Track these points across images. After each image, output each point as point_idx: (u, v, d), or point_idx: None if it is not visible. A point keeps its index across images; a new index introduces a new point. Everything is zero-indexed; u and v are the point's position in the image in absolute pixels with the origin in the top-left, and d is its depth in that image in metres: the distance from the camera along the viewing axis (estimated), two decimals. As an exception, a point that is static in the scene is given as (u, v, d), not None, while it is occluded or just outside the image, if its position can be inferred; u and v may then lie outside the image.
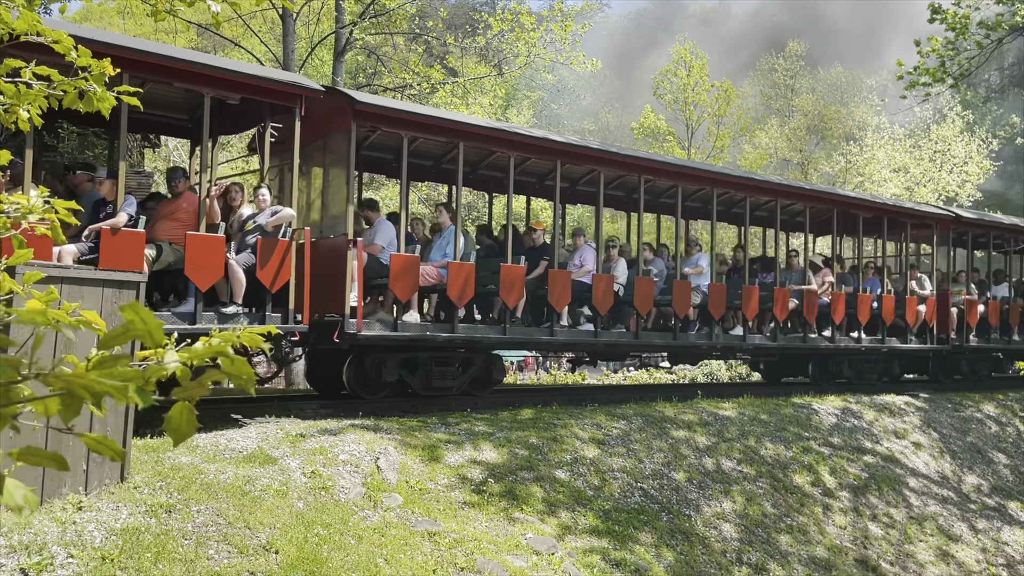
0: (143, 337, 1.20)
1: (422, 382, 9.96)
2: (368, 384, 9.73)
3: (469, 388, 10.57)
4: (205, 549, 5.21)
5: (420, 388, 9.92)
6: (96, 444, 1.20)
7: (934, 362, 16.21)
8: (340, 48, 17.86)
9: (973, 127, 33.57)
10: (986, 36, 10.89)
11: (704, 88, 30.47)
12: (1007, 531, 10.16)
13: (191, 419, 1.23)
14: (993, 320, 16.08)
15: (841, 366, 14.35)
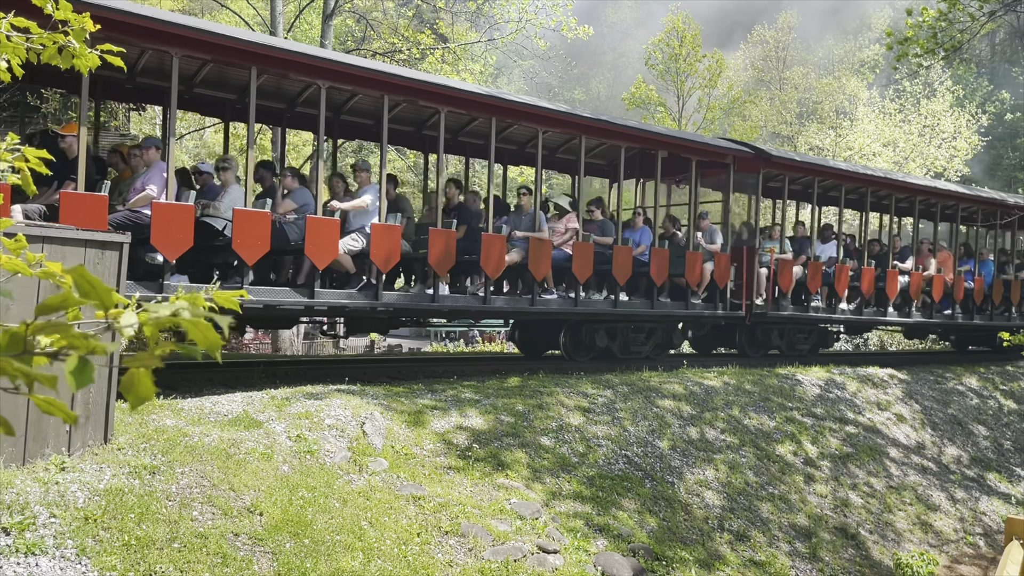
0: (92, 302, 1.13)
1: None
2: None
3: None
4: (189, 510, 5.21)
5: None
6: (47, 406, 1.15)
7: (741, 333, 14.05)
8: (329, 11, 17.61)
9: (963, 102, 33.57)
10: (979, 7, 10.84)
11: (696, 59, 30.28)
12: (985, 501, 10.31)
13: (147, 384, 1.17)
14: (813, 285, 13.85)
15: (594, 335, 11.77)
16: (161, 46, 7.80)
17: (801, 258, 14.01)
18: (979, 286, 16.59)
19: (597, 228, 11.89)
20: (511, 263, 10.42)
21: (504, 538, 6.07)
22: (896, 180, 15.82)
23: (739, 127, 31.48)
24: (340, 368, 9.35)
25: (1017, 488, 10.92)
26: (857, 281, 14.59)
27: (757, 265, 13.33)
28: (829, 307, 14.38)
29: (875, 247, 15.91)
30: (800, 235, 14.71)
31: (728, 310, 12.95)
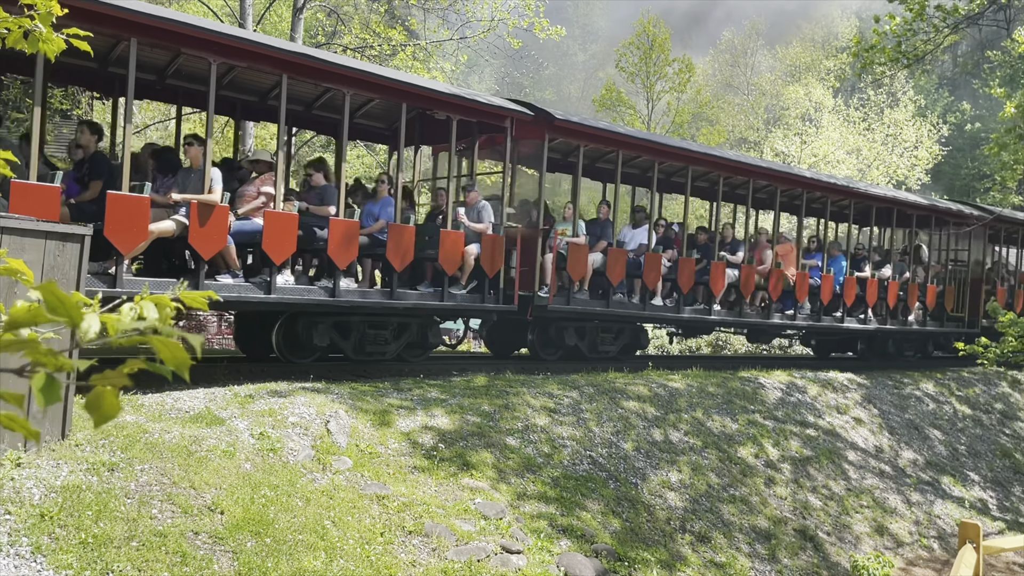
0: (61, 319, 1.09)
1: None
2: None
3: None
4: (148, 508, 5.13)
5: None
6: (8, 422, 1.12)
7: (534, 331, 11.89)
8: (299, 5, 17.44)
9: (925, 112, 34.23)
10: (943, 19, 11.08)
11: (665, 62, 30.53)
12: (939, 505, 10.53)
13: (113, 402, 1.13)
14: (614, 275, 11.79)
15: (312, 332, 9.43)
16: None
17: (601, 244, 12.01)
18: (827, 284, 14.78)
19: (316, 196, 9.56)
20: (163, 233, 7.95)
21: (468, 538, 6.07)
22: (726, 159, 13.72)
23: (707, 131, 31.78)
24: (305, 366, 9.27)
25: (971, 492, 11.17)
26: (675, 274, 12.80)
27: (542, 250, 11.05)
28: (642, 303, 12.37)
29: (701, 236, 14.02)
30: (603, 217, 12.55)
31: (500, 303, 10.59)
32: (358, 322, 9.73)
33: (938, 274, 17.50)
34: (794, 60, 36.97)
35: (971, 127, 36.96)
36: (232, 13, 18.16)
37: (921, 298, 16.66)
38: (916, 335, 17.09)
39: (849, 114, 31.64)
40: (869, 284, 15.46)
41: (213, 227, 8.12)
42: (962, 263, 18.10)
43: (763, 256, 14.23)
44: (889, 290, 15.80)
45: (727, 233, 14.31)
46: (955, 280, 17.76)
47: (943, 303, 16.94)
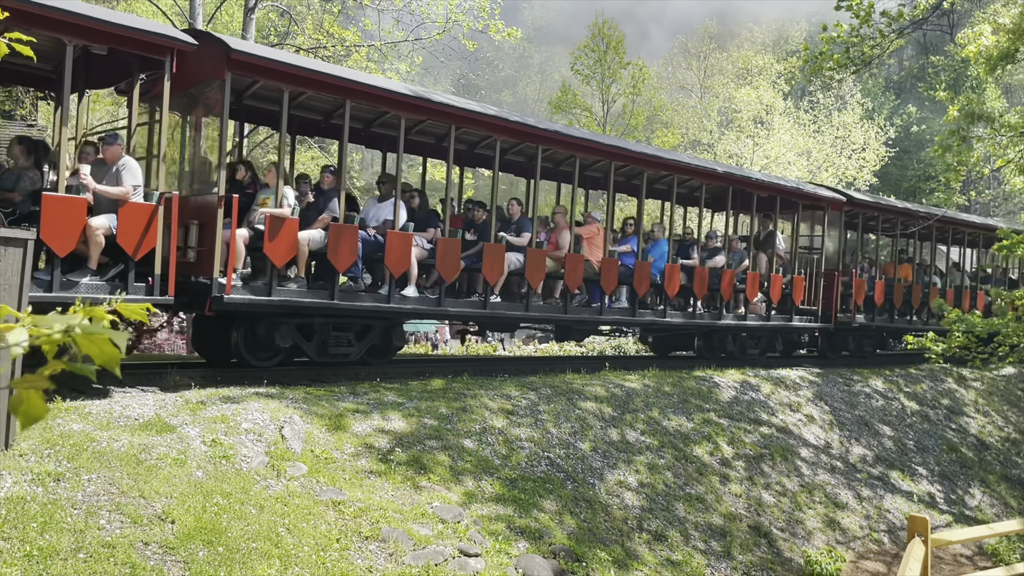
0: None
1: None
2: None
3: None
4: (96, 519, 5.01)
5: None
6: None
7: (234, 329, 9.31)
8: (251, 4, 17.20)
9: (872, 115, 35.01)
10: (888, 25, 11.35)
11: (620, 65, 30.77)
12: (889, 499, 10.76)
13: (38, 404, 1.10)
14: (341, 258, 9.29)
15: None
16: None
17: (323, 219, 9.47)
18: (643, 272, 12.61)
19: None
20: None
21: (425, 542, 6.04)
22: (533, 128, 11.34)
23: (661, 133, 32.11)
24: (258, 370, 9.14)
25: (919, 486, 11.44)
26: (433, 259, 10.33)
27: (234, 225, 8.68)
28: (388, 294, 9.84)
29: (478, 213, 11.58)
30: (327, 186, 9.89)
31: (156, 293, 7.93)
32: None
33: (784, 264, 15.56)
34: (746, 63, 37.55)
35: (917, 129, 37.91)
36: (182, 13, 17.85)
37: (764, 289, 14.69)
38: (760, 331, 15.16)
39: (799, 117, 32.23)
40: (697, 273, 13.42)
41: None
42: (815, 250, 16.49)
43: (560, 239, 12.05)
44: (724, 280, 13.81)
45: (513, 210, 11.73)
46: (807, 270, 16.18)
47: (791, 295, 15.06)
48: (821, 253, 16.07)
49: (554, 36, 62.63)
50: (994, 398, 15.20)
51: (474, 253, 10.98)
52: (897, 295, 17.38)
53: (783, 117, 31.69)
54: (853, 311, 16.28)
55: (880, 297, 16.95)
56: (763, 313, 14.71)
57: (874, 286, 16.87)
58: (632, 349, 20.58)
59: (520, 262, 11.25)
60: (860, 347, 17.56)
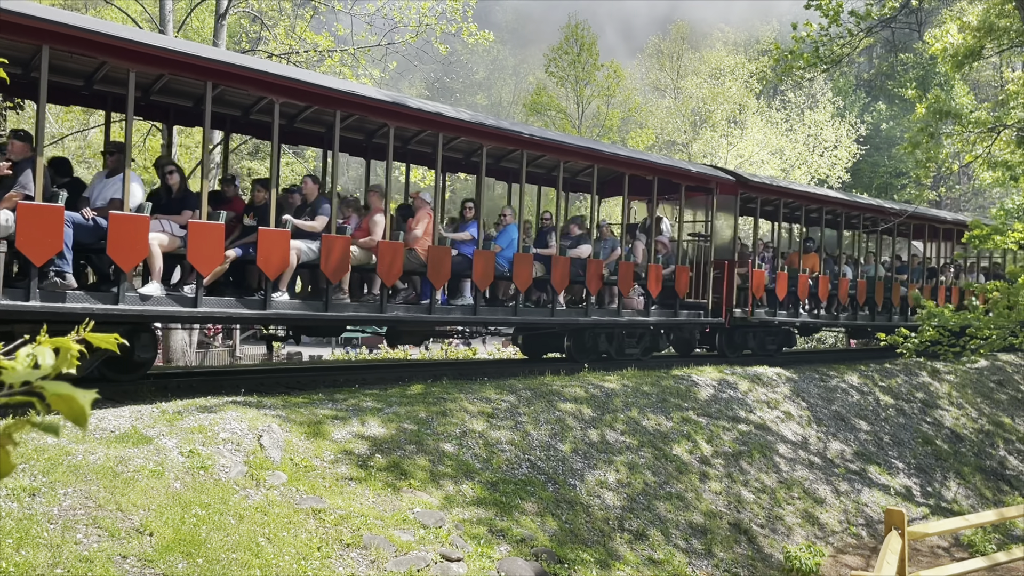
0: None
1: None
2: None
3: None
4: (73, 533, 4.96)
5: None
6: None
7: None
8: (222, 10, 17.10)
9: (843, 113, 35.41)
10: (857, 24, 11.50)
11: (594, 67, 30.90)
12: (866, 493, 10.88)
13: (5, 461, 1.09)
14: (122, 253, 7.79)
15: None
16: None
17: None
18: (483, 263, 10.76)
19: None
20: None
21: (407, 548, 6.03)
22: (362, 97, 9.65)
23: (635, 134, 32.27)
24: (235, 379, 9.07)
25: (895, 480, 11.58)
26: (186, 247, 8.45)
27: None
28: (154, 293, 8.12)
29: (260, 195, 9.75)
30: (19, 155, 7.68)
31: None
32: None
33: (668, 253, 13.83)
34: (718, 63, 37.84)
35: (887, 126, 38.38)
36: (152, 19, 17.69)
37: (642, 281, 12.94)
38: (638, 328, 13.33)
39: (771, 116, 32.53)
40: (556, 263, 11.68)
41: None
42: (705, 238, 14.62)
43: (372, 225, 10.05)
44: (589, 271, 12.03)
45: (307, 189, 9.91)
46: (695, 260, 14.53)
47: (674, 287, 13.41)
48: (710, 241, 14.28)
49: (527, 38, 62.76)
50: (967, 391, 15.42)
51: (251, 242, 9.01)
52: (802, 287, 15.77)
53: (756, 116, 31.97)
54: (751, 305, 14.70)
55: (783, 290, 15.43)
56: (640, 308, 13.02)
57: (776, 278, 15.33)
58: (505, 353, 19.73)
59: (314, 252, 9.28)
60: (763, 344, 15.94)
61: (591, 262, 12.15)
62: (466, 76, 63.24)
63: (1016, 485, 12.89)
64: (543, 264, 11.76)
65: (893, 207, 18.31)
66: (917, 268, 19.54)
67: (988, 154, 13.11)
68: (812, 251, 17.14)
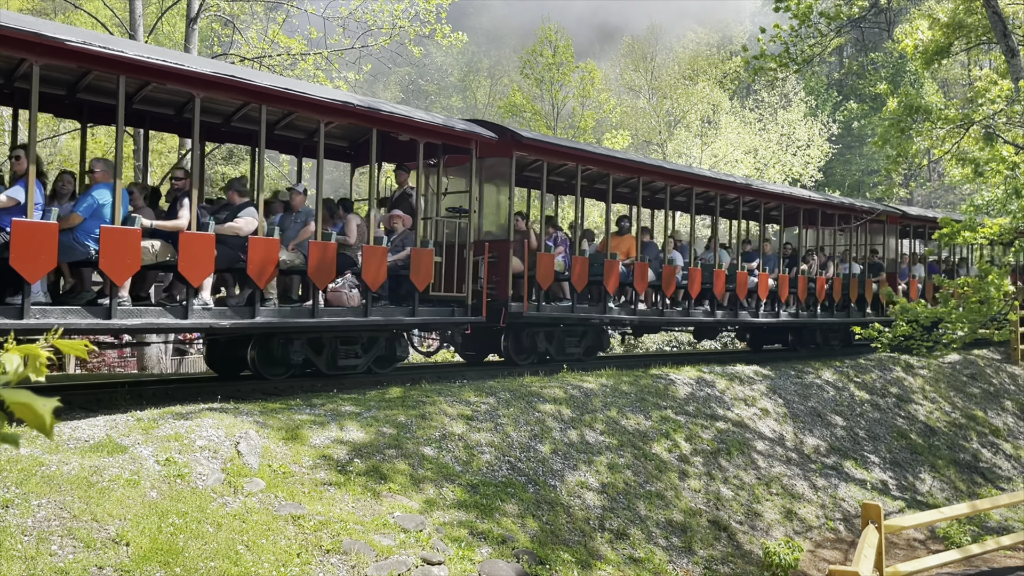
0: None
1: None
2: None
3: None
4: (47, 545, 4.89)
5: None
6: None
7: None
8: (193, 14, 16.96)
9: (816, 112, 35.78)
10: (827, 24, 11.64)
11: (569, 69, 30.99)
12: (843, 488, 11.00)
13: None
14: None
15: None
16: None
17: None
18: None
19: None
20: None
21: (388, 553, 6.01)
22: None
23: (611, 135, 32.40)
24: (212, 386, 8.99)
25: (872, 474, 11.71)
26: None
27: None
28: None
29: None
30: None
31: None
32: None
33: (405, 233, 10.86)
34: (692, 63, 38.11)
35: (859, 125, 38.83)
36: (122, 24, 17.51)
37: (357, 271, 9.99)
38: (354, 331, 10.23)
39: (745, 115, 32.80)
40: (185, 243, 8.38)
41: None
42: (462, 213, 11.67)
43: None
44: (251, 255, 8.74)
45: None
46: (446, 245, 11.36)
47: (408, 277, 10.46)
48: (470, 217, 11.33)
49: (501, 40, 62.78)
50: (940, 384, 15.63)
51: None
52: (610, 277, 13.01)
53: (730, 116, 32.22)
54: (526, 298, 11.81)
55: (582, 280, 12.56)
56: (355, 304, 9.83)
57: (572, 265, 12.51)
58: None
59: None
60: (562, 348, 13.13)
61: (254, 243, 8.71)
62: (441, 78, 63.19)
63: (989, 477, 13.08)
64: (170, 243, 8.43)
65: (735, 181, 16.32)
66: (772, 255, 16.71)
67: (957, 150, 13.30)
68: (626, 232, 14.52)
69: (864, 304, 18.06)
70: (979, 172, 11.98)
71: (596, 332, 13.72)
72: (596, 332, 13.72)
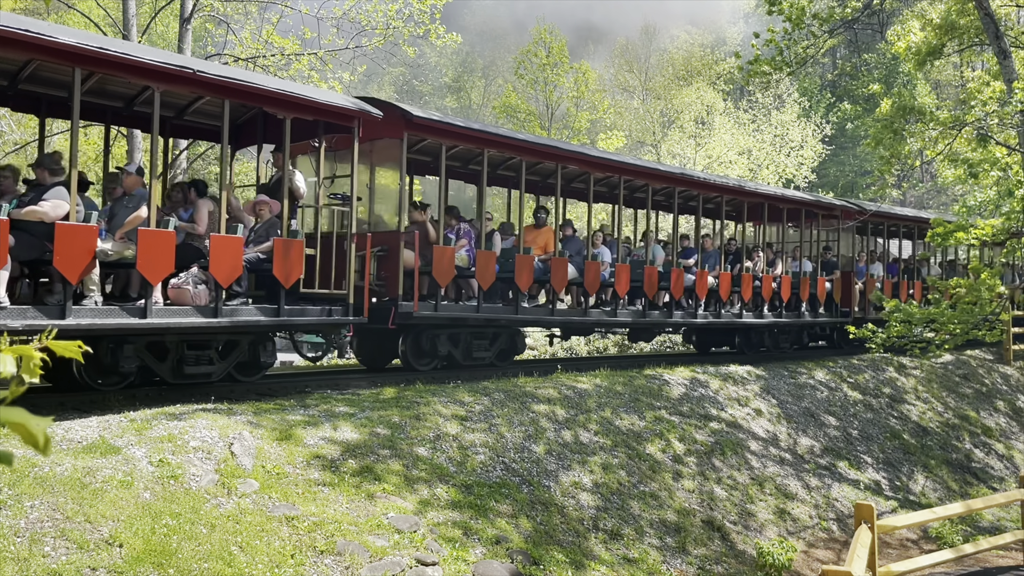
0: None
1: None
2: None
3: None
4: (40, 546, 4.88)
5: None
6: None
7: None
8: (186, 14, 16.92)
9: (809, 113, 35.87)
10: (819, 26, 11.69)
11: (563, 70, 31.01)
12: (836, 488, 11.03)
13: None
14: None
15: None
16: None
17: None
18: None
19: None
20: None
21: (382, 554, 6.01)
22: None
23: (605, 136, 32.43)
24: (205, 387, 8.97)
25: (864, 474, 11.75)
26: None
27: None
28: None
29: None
30: None
31: None
32: None
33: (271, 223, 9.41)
34: (685, 64, 38.16)
35: (852, 126, 38.94)
36: (115, 24, 17.47)
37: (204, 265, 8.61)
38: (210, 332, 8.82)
39: (739, 116, 32.87)
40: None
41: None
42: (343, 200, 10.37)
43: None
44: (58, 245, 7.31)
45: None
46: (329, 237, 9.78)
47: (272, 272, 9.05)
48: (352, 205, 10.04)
49: (497, 41, 62.80)
50: (933, 385, 15.68)
51: None
52: (520, 273, 11.58)
53: (724, 117, 32.28)
54: (416, 296, 10.47)
55: (487, 276, 11.14)
56: (203, 303, 8.37)
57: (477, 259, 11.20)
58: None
59: None
60: (468, 352, 11.66)
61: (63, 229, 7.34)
62: (435, 78, 63.15)
63: (982, 477, 13.14)
64: None
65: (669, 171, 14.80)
66: (712, 251, 15.40)
67: (950, 151, 13.36)
68: (544, 225, 13.16)
69: (816, 304, 16.97)
70: (972, 173, 12.03)
71: (509, 335, 12.36)
72: (509, 335, 12.36)
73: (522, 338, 12.84)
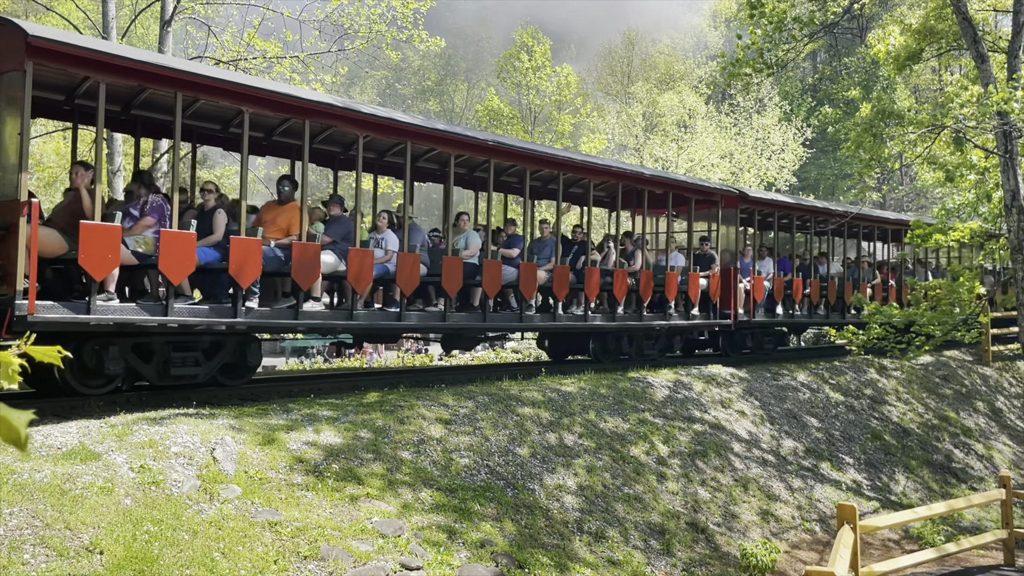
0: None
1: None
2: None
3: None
4: (19, 554, 4.81)
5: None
6: None
7: None
8: (167, 17, 16.81)
9: (790, 116, 36.12)
10: (800, 29, 11.79)
11: (547, 73, 31.05)
12: (819, 489, 11.09)
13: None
14: None
15: None
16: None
17: None
18: None
19: None
20: None
21: (366, 558, 5.97)
22: None
23: (588, 139, 32.52)
24: (186, 392, 8.89)
25: (846, 475, 11.82)
26: None
27: None
28: None
29: None
30: None
31: None
32: None
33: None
34: (667, 68, 38.35)
35: (832, 130, 39.26)
36: (94, 26, 17.32)
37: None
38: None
39: (721, 120, 33.05)
40: None
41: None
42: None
43: None
44: None
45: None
46: None
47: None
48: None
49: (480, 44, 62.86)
50: (913, 386, 15.82)
51: None
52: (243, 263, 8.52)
53: (705, 121, 32.45)
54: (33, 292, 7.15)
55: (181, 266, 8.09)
56: None
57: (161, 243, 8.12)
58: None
59: None
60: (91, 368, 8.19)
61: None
62: (418, 82, 63.08)
63: (962, 477, 13.26)
64: None
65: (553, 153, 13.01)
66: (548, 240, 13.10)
67: (928, 153, 13.49)
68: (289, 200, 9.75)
69: (689, 304, 14.28)
70: (949, 177, 12.16)
71: (237, 344, 9.29)
72: (237, 344, 9.29)
73: (257, 347, 9.63)
